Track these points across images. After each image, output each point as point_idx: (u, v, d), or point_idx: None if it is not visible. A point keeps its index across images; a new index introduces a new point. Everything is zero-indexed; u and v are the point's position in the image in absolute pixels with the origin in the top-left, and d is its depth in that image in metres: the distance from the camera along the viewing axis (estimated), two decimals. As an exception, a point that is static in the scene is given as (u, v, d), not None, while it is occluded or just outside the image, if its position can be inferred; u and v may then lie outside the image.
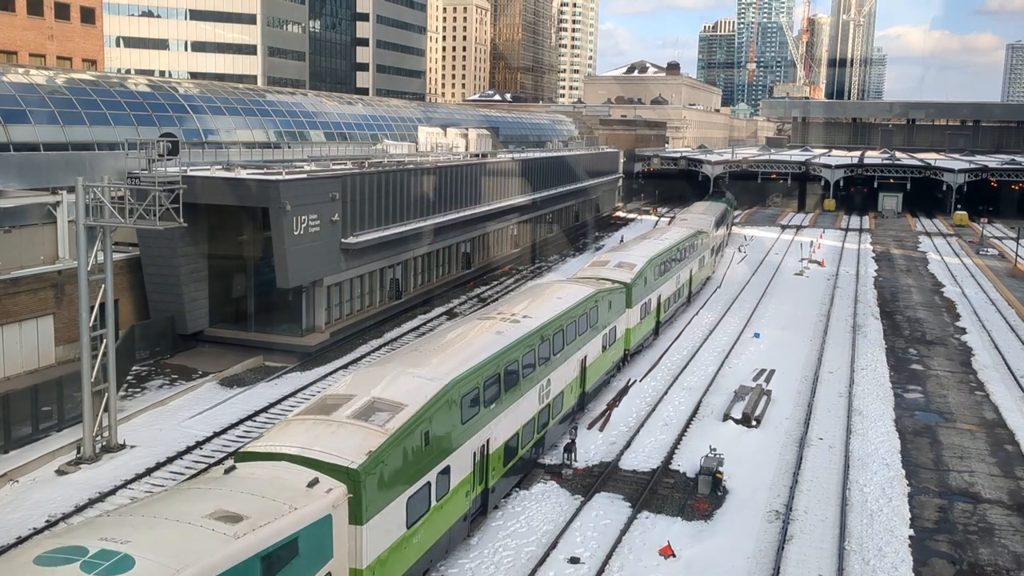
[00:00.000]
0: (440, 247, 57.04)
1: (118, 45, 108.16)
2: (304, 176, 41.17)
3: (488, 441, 23.35)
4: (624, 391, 36.81)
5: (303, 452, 17.59)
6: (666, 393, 36.82)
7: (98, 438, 28.59)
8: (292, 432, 18.85)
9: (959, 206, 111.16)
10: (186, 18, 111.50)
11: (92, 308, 27.72)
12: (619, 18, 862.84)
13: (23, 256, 37.52)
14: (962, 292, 62.79)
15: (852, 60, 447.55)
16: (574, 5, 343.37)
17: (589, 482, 27.50)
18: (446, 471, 20.83)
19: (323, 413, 19.62)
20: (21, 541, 22.67)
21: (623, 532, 24.21)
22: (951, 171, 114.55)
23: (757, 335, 47.41)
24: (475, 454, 22.54)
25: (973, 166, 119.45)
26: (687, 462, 29.16)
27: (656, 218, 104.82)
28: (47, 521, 23.94)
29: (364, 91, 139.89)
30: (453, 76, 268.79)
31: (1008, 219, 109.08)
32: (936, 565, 23.24)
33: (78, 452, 28.13)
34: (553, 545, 23.34)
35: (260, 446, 18.45)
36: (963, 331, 50.60)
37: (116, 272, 31.69)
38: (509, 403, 24.90)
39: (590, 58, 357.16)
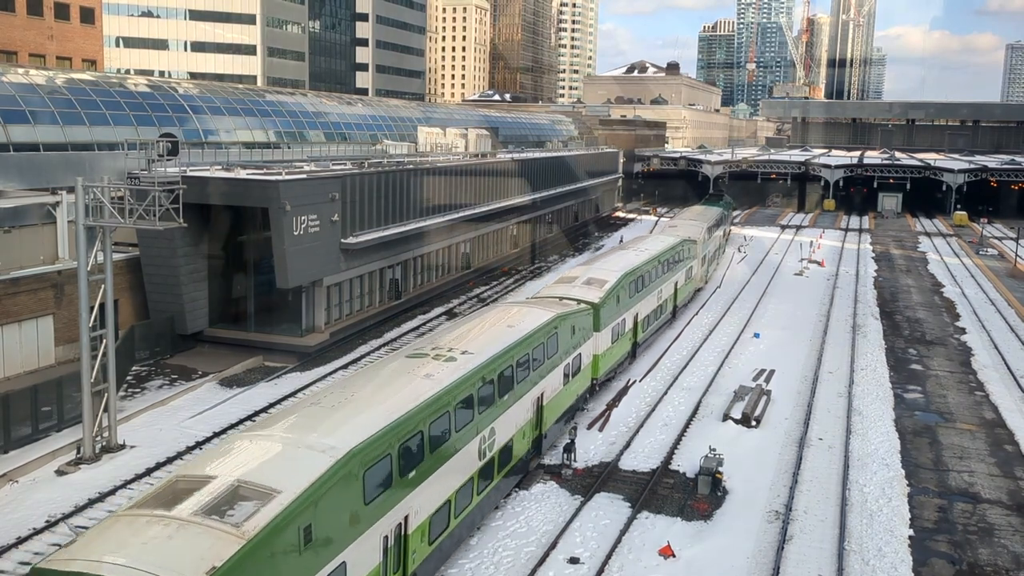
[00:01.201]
0: (440, 247, 57.04)
1: (118, 45, 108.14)
2: (304, 176, 41.19)
3: (406, 518, 18.70)
4: (624, 391, 36.82)
5: (112, 573, 12.68)
6: (666, 393, 36.83)
7: (98, 438, 28.59)
8: (112, 537, 13.71)
9: (959, 206, 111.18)
10: (186, 18, 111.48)
11: (92, 308, 27.71)
12: (619, 18, 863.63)
13: (23, 256, 37.50)
14: (962, 292, 62.81)
15: (852, 60, 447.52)
16: (574, 5, 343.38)
17: (589, 482, 27.50)
18: (341, 569, 16.01)
19: (164, 506, 14.48)
20: (21, 541, 22.70)
21: (623, 532, 24.21)
22: (951, 171, 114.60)
23: (757, 335, 47.42)
24: (387, 538, 17.83)
25: (973, 166, 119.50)
26: (687, 462, 29.17)
27: (656, 218, 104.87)
28: (47, 521, 23.93)
29: (364, 91, 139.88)
30: (453, 76, 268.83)
31: (1008, 219, 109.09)
32: (936, 565, 23.24)
33: (78, 452, 28.13)
34: (553, 545, 23.34)
35: (61, 560, 13.28)
36: (963, 331, 50.62)
37: (116, 272, 31.67)
38: (436, 466, 20.03)
39: (590, 58, 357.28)
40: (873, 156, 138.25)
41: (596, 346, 33.97)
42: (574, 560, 22.68)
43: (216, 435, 30.58)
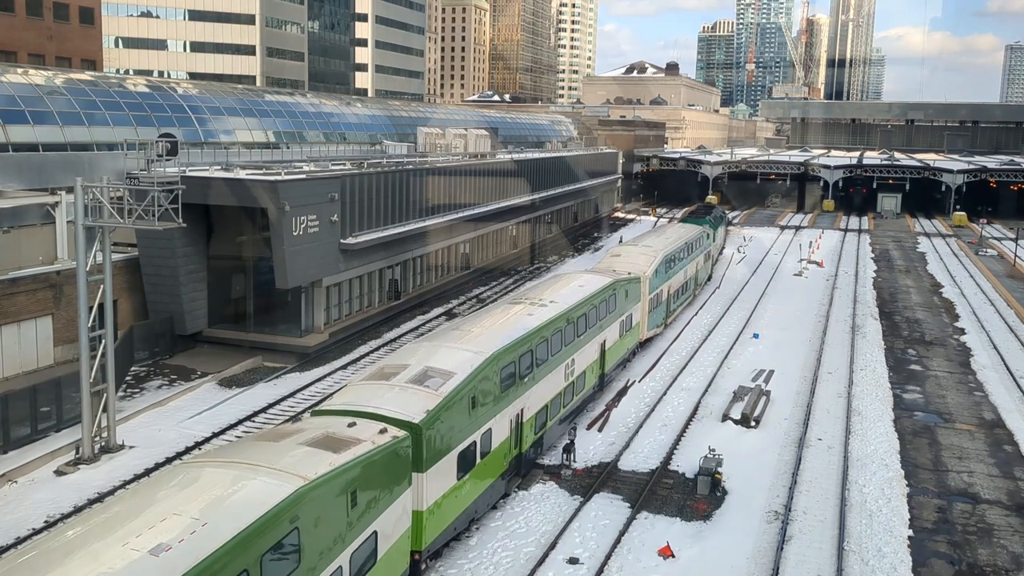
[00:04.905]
0: (439, 247, 57.05)
1: (117, 46, 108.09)
2: (303, 176, 41.18)
3: None
4: (623, 392, 36.81)
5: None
6: (665, 394, 36.82)
7: (97, 439, 28.58)
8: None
9: (958, 207, 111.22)
10: (185, 19, 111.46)
11: (91, 308, 27.70)
12: (620, 19, 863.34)
13: (22, 256, 37.49)
14: (961, 293, 62.81)
15: (851, 61, 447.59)
16: (573, 5, 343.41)
17: (588, 482, 27.49)
18: None
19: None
20: (20, 542, 22.68)
21: (622, 532, 24.21)
22: (950, 172, 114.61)
23: (756, 335, 47.42)
24: None
25: (972, 167, 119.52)
26: (686, 462, 29.16)
27: (655, 219, 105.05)
28: (46, 522, 23.92)
29: (363, 91, 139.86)
30: (452, 77, 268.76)
31: (1007, 220, 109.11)
32: (935, 565, 23.25)
33: (77, 453, 28.12)
34: (552, 546, 23.34)
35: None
36: (962, 332, 50.62)
37: (115, 273, 31.66)
38: None
39: (589, 58, 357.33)
40: (872, 157, 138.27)
41: (420, 498, 20.23)
42: (573, 560, 22.67)
43: (216, 435, 30.61)
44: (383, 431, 18.98)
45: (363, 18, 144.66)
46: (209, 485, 15.29)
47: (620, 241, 77.31)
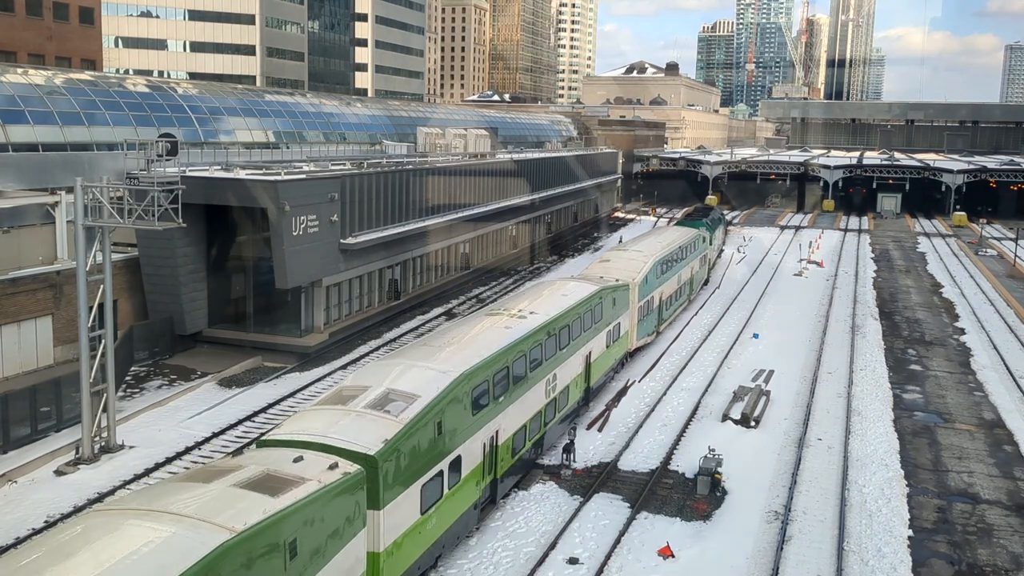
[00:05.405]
0: (439, 247, 57.06)
1: (117, 45, 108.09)
2: (303, 176, 41.19)
3: None
4: (623, 392, 36.82)
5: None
6: (665, 394, 36.82)
7: (97, 439, 28.58)
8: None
9: (958, 207, 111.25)
10: (185, 18, 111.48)
11: (91, 308, 27.70)
12: (620, 19, 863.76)
13: (22, 256, 37.49)
14: (961, 293, 62.83)
15: (851, 61, 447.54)
16: (573, 5, 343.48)
17: (588, 482, 27.50)
18: None
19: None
20: (20, 542, 22.68)
21: (622, 533, 24.21)
22: (950, 172, 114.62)
23: (756, 335, 47.43)
24: None
25: (972, 167, 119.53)
26: (686, 462, 29.17)
27: (655, 219, 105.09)
28: (45, 522, 23.92)
29: (363, 91, 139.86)
30: (452, 77, 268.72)
31: (1007, 220, 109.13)
32: (935, 565, 23.25)
33: (77, 453, 28.12)
34: (552, 546, 23.34)
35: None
36: (962, 332, 50.63)
37: (115, 273, 31.64)
38: None
39: (589, 58, 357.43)
40: (872, 157, 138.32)
41: (376, 539, 18.15)
42: (573, 560, 22.68)
43: (216, 435, 30.63)
44: (333, 466, 16.85)
45: (363, 18, 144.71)
46: (116, 540, 12.94)
47: (620, 241, 77.31)
